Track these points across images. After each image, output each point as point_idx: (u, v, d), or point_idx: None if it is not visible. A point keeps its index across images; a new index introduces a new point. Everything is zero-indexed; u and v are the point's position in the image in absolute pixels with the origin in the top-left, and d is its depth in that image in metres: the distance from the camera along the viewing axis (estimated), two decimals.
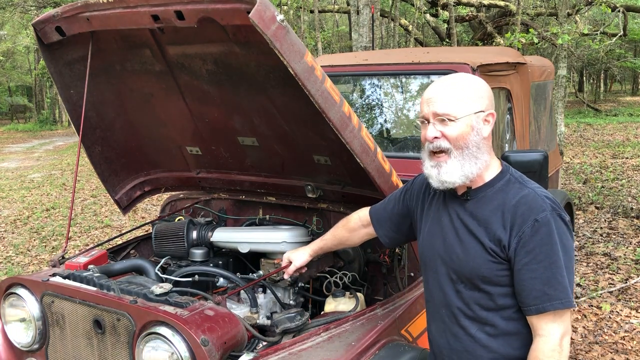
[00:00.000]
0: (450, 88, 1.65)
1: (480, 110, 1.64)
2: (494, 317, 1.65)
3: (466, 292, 1.68)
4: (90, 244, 6.95)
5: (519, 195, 1.62)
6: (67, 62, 2.48)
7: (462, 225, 1.69)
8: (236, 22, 1.83)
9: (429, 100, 1.65)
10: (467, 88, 1.64)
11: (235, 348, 1.88)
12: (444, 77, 1.70)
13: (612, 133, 14.94)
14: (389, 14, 15.11)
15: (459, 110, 1.62)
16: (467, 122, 1.62)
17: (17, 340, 2.27)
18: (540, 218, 1.56)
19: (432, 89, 1.68)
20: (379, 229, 2.07)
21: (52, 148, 19.22)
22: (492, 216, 1.63)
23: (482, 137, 1.64)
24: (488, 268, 1.62)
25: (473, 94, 1.64)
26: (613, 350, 3.84)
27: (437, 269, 1.76)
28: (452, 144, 1.63)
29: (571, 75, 24.57)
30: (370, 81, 3.66)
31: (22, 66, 32.86)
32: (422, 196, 1.90)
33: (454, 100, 1.62)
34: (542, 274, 1.55)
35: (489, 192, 1.67)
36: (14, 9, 16.85)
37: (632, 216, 6.86)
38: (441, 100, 1.63)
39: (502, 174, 1.69)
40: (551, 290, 1.54)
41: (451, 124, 1.62)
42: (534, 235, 1.56)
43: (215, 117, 2.54)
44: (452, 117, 1.61)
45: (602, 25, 12.32)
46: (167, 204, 3.26)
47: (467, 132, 1.62)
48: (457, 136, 1.62)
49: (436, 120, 1.64)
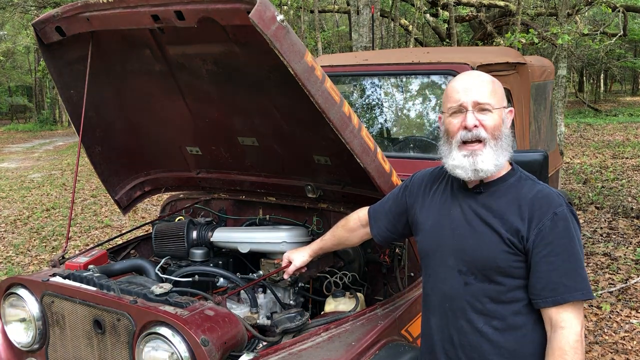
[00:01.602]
0: (484, 80, 1.70)
1: (505, 106, 1.72)
2: (502, 310, 1.65)
3: (476, 285, 1.68)
4: (90, 244, 6.95)
5: (534, 190, 1.66)
6: (67, 62, 2.48)
7: (475, 217, 1.70)
8: (236, 22, 1.83)
9: (467, 90, 1.68)
10: (495, 83, 1.71)
11: (235, 348, 1.88)
12: (470, 72, 1.76)
13: (612, 133, 14.94)
14: (389, 14, 15.11)
15: (495, 101, 1.68)
16: (500, 114, 1.68)
17: (17, 340, 2.27)
18: (559, 212, 1.60)
19: (467, 80, 1.71)
20: (374, 227, 2.07)
21: (52, 148, 19.22)
22: (509, 208, 1.65)
23: (509, 130, 1.71)
24: (504, 259, 1.63)
25: (500, 90, 1.72)
26: (613, 350, 3.84)
27: (442, 261, 1.76)
28: (490, 134, 1.66)
29: (571, 76, 24.57)
30: (370, 81, 3.66)
31: (22, 66, 32.85)
32: (422, 192, 1.90)
33: (490, 92, 1.68)
34: (560, 265, 1.57)
35: (502, 186, 1.70)
36: (14, 9, 16.85)
37: (632, 216, 6.86)
38: (480, 90, 1.67)
39: (513, 170, 1.74)
40: (571, 281, 1.57)
41: (489, 114, 1.66)
42: (554, 228, 1.59)
43: (215, 117, 2.54)
44: (491, 107, 1.66)
45: (602, 25, 12.31)
46: (167, 204, 3.26)
47: (500, 123, 1.68)
48: (494, 126, 1.66)
49: (476, 109, 1.66)
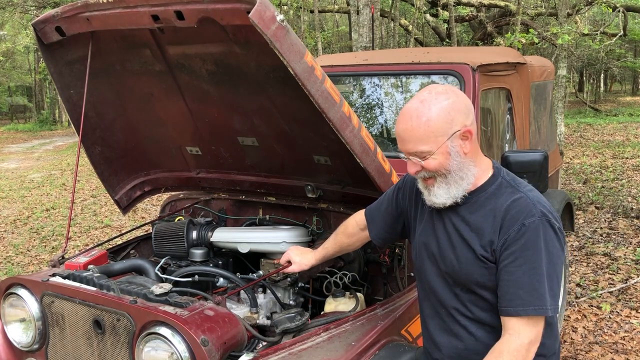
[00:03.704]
0: (415, 122, 1.57)
1: (455, 132, 1.58)
2: (492, 317, 1.65)
3: (463, 295, 1.69)
4: (90, 244, 6.95)
5: (510, 199, 1.61)
6: (67, 62, 2.48)
7: (454, 231, 1.69)
8: (236, 22, 1.83)
9: (400, 139, 1.63)
10: (434, 116, 1.56)
11: (235, 348, 1.88)
12: (411, 104, 1.62)
13: (612, 133, 14.93)
14: (389, 14, 15.11)
15: (430, 145, 1.58)
16: (443, 150, 1.58)
17: (17, 340, 2.27)
18: (527, 223, 1.55)
19: (400, 125, 1.62)
20: (372, 229, 2.06)
21: (52, 148, 19.22)
22: (484, 221, 1.63)
23: (464, 156, 1.61)
24: (481, 274, 1.62)
25: (442, 120, 1.56)
26: (613, 350, 3.83)
27: (431, 270, 1.77)
28: (435, 173, 1.63)
29: (571, 75, 24.56)
30: (370, 81, 3.66)
31: (22, 66, 32.81)
32: (415, 195, 1.89)
33: (423, 135, 1.57)
34: (519, 277, 1.54)
35: (481, 197, 1.66)
36: (14, 9, 16.82)
37: (632, 216, 6.86)
38: (411, 139, 1.59)
39: (493, 177, 1.68)
40: (526, 295, 1.54)
41: (428, 159, 1.60)
42: (518, 239, 1.55)
43: (215, 117, 2.54)
44: (426, 154, 1.59)
45: (602, 25, 12.31)
46: (167, 204, 3.26)
47: (445, 160, 1.59)
48: (435, 167, 1.61)
49: (412, 157, 1.63)
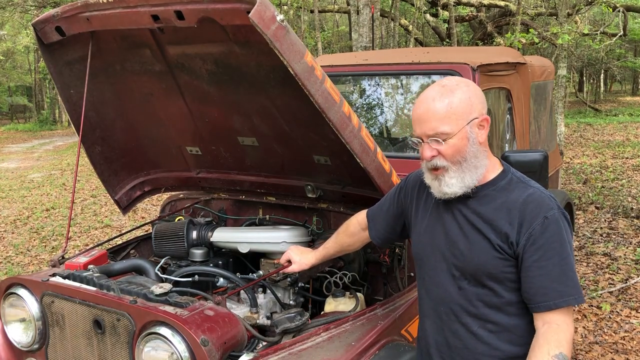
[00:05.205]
0: (438, 103, 1.58)
1: (473, 118, 1.59)
2: (496, 313, 1.65)
3: (469, 289, 1.68)
4: (90, 244, 6.95)
5: (525, 193, 1.62)
6: (67, 62, 2.48)
7: (466, 222, 1.68)
8: (236, 22, 1.83)
9: (421, 121, 1.61)
10: (456, 99, 1.58)
11: (235, 348, 1.88)
12: (431, 89, 1.62)
13: (612, 133, 14.93)
14: (389, 14, 15.10)
15: (452, 126, 1.57)
16: (462, 135, 1.58)
17: (17, 340, 2.27)
18: (549, 215, 1.57)
19: (421, 106, 1.61)
20: (372, 229, 2.06)
21: (52, 148, 19.22)
22: (497, 214, 1.63)
23: (479, 144, 1.63)
24: (495, 264, 1.62)
25: (463, 104, 1.58)
26: (613, 350, 3.83)
27: (436, 265, 1.75)
28: (450, 161, 1.61)
29: (571, 75, 24.55)
30: (370, 81, 3.66)
31: (22, 66, 32.81)
32: (417, 193, 1.88)
33: (445, 116, 1.57)
34: (552, 270, 1.55)
35: (492, 190, 1.66)
36: (14, 9, 16.82)
37: (632, 216, 6.86)
38: (432, 120, 1.58)
39: (504, 173, 1.69)
40: (562, 286, 1.55)
41: (446, 143, 1.59)
42: (543, 232, 1.56)
43: (215, 117, 2.54)
44: (445, 136, 1.58)
45: (602, 25, 12.31)
46: (167, 204, 3.26)
47: (463, 145, 1.59)
48: (453, 152, 1.60)
49: (430, 140, 1.61)
